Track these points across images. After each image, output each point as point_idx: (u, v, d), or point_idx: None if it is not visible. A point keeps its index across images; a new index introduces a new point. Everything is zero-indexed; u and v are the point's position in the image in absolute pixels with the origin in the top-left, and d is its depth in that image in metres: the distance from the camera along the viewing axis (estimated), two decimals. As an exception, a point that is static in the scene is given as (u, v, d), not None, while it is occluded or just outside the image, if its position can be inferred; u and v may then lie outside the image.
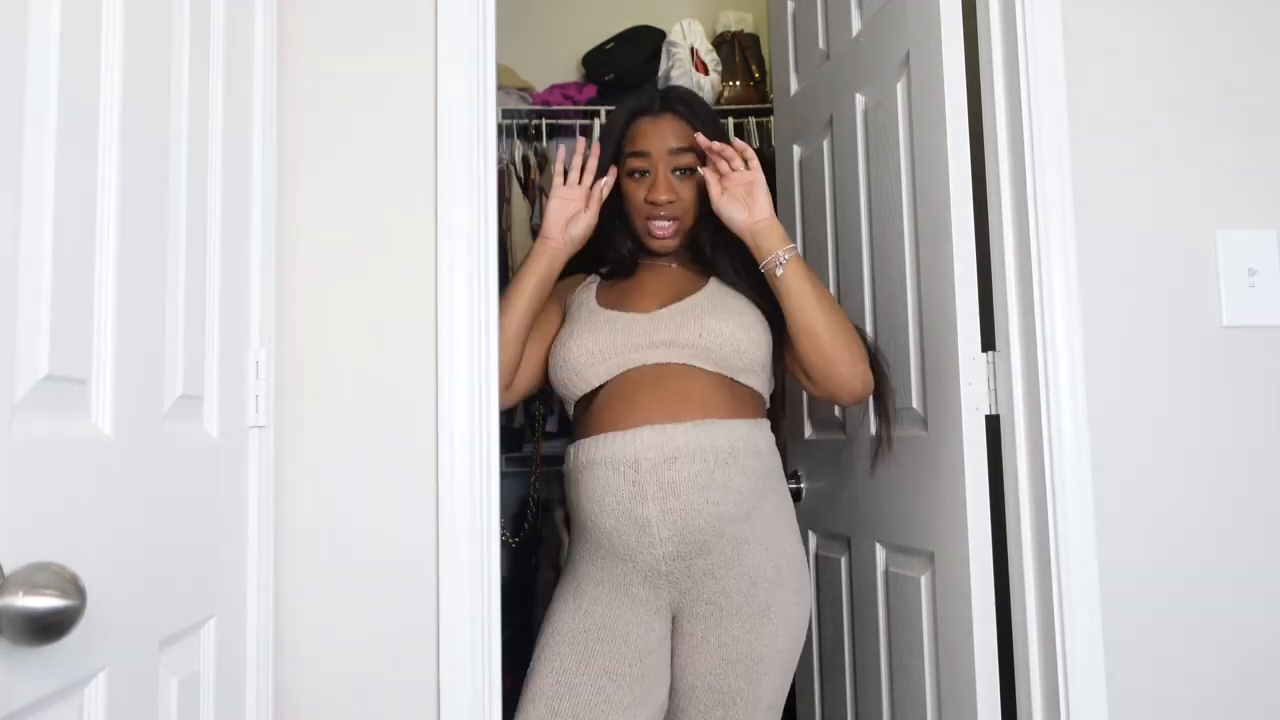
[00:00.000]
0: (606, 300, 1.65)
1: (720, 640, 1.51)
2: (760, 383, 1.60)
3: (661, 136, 1.64)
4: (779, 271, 1.53)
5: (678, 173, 1.64)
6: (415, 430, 1.34)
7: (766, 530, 1.53)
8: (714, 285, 1.63)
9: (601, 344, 1.55)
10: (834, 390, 1.58)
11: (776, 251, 1.53)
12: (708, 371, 1.54)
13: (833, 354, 1.54)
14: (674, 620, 1.55)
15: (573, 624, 1.53)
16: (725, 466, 1.49)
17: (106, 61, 0.87)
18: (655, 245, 1.65)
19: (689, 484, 1.47)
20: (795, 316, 1.54)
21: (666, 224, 1.63)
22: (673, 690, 1.55)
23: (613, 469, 1.49)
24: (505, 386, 1.57)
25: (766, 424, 1.60)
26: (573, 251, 1.61)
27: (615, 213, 1.69)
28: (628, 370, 1.54)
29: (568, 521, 1.70)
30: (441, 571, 1.31)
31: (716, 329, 1.53)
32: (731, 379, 1.55)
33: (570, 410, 1.65)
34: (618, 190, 1.67)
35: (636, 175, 1.65)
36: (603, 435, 1.51)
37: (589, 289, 1.69)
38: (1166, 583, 1.42)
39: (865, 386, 1.59)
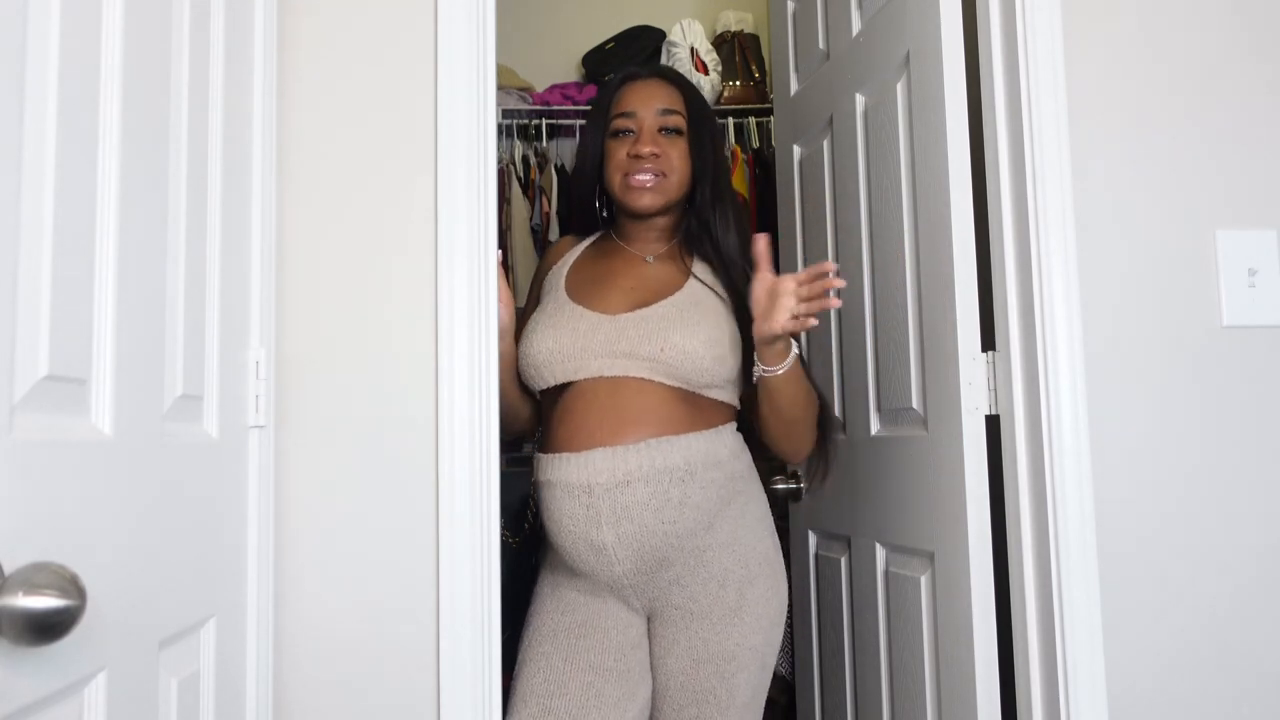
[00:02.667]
0: (576, 288, 1.61)
1: (690, 642, 1.50)
2: (727, 394, 1.57)
3: (650, 96, 1.63)
4: (755, 376, 1.53)
5: (664, 132, 1.62)
6: (415, 430, 1.34)
7: (731, 533, 1.52)
8: (690, 288, 1.58)
9: (563, 344, 1.53)
10: (772, 447, 1.65)
11: (764, 366, 1.49)
12: (667, 385, 1.50)
13: (784, 433, 1.60)
14: (648, 620, 1.55)
15: (554, 624, 1.53)
16: (681, 485, 1.47)
17: (106, 62, 0.87)
18: (633, 201, 1.60)
19: (643, 507, 1.46)
20: (761, 406, 1.56)
21: (647, 176, 1.59)
22: None
23: (567, 492, 1.48)
24: (529, 420, 1.68)
25: (730, 428, 1.58)
26: (512, 327, 1.57)
27: (596, 178, 1.68)
28: (584, 380, 1.51)
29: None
30: (441, 571, 1.31)
31: (679, 345, 1.49)
32: (694, 392, 1.53)
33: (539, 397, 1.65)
34: (602, 156, 1.66)
35: (621, 135, 1.63)
36: (558, 455, 1.50)
37: (564, 265, 1.68)
38: (1167, 583, 1.42)
39: (799, 459, 1.71)
